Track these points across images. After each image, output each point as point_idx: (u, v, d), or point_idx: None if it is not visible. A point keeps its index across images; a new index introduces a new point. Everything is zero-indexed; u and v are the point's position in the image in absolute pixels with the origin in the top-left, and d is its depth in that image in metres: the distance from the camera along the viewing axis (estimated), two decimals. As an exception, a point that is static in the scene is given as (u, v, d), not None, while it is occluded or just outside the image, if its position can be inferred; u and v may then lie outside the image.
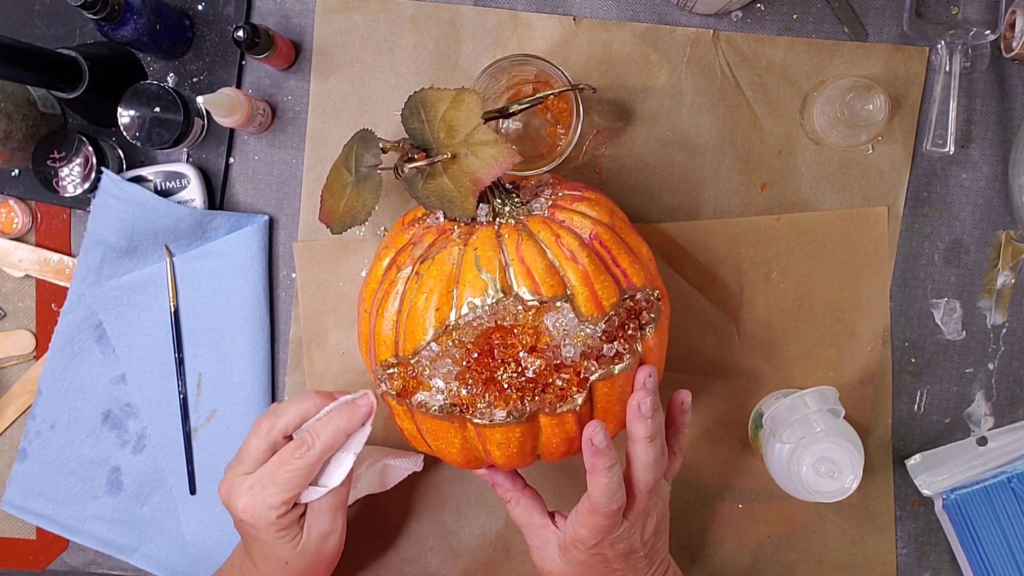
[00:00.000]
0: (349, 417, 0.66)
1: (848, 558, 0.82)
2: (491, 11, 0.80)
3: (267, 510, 0.64)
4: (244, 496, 0.65)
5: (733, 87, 0.80)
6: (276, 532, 0.65)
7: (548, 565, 0.68)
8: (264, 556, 0.67)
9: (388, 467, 0.77)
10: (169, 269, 0.80)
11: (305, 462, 0.64)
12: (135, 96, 0.75)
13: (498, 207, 0.65)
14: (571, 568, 0.66)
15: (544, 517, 0.68)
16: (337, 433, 0.66)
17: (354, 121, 0.80)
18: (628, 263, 0.63)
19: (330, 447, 0.66)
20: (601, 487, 0.60)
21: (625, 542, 0.64)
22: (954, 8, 0.79)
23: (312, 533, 0.67)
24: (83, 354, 0.82)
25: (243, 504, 0.65)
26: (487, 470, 0.69)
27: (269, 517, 0.64)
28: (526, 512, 0.68)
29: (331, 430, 0.66)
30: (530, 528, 0.69)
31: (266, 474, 0.65)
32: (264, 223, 0.81)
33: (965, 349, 0.81)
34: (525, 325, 0.60)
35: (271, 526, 0.65)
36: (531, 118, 0.77)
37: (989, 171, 0.80)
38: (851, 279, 0.81)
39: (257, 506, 0.64)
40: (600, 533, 0.63)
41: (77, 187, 0.77)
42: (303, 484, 0.65)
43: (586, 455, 0.60)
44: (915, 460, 0.80)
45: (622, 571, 0.66)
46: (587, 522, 0.62)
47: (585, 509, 0.62)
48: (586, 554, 0.64)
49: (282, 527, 0.65)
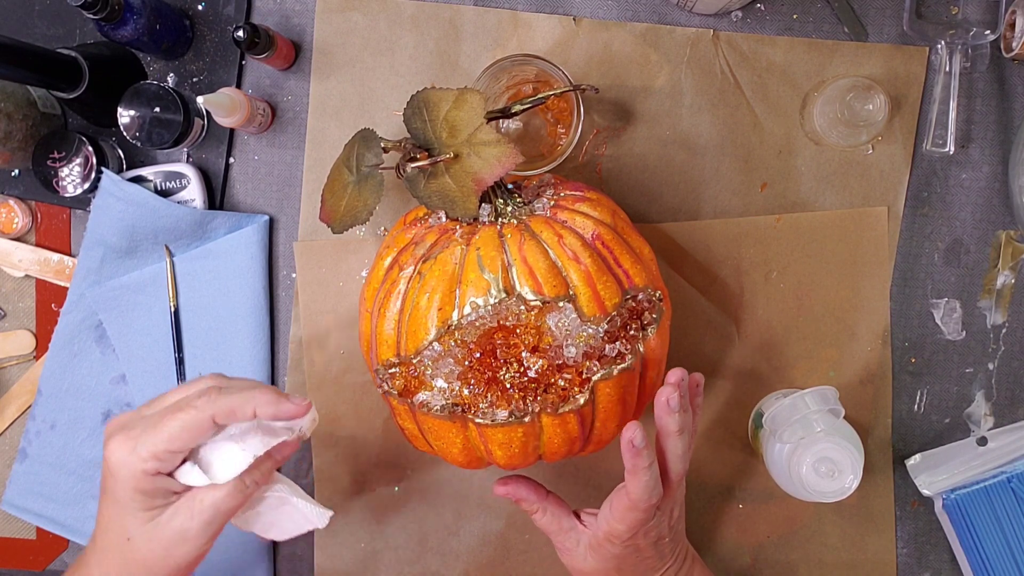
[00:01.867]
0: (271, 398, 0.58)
1: (848, 558, 0.82)
2: (491, 11, 0.80)
3: (135, 458, 0.56)
4: (119, 435, 0.57)
5: (733, 87, 0.80)
6: (134, 491, 0.56)
7: (579, 564, 0.69)
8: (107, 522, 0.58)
9: (291, 508, 0.65)
10: (169, 269, 0.80)
11: (198, 413, 0.56)
12: (135, 96, 0.75)
13: (500, 207, 0.65)
14: (604, 563, 0.67)
15: (572, 519, 0.69)
16: (247, 400, 0.57)
17: (354, 121, 0.80)
18: (630, 263, 0.63)
19: (230, 413, 0.57)
20: (642, 485, 0.61)
21: (656, 531, 0.66)
22: (954, 8, 0.79)
23: (174, 521, 0.58)
24: (83, 354, 0.82)
25: (114, 445, 0.56)
26: (510, 487, 0.69)
27: (134, 468, 0.56)
28: (554, 519, 0.69)
29: (242, 397, 0.58)
30: (559, 533, 0.69)
31: (150, 420, 0.57)
32: (264, 223, 0.81)
33: (965, 349, 0.82)
34: (527, 325, 0.60)
35: (131, 479, 0.56)
36: (532, 118, 0.77)
37: (989, 171, 0.80)
38: (851, 279, 0.81)
39: (126, 451, 0.56)
40: (636, 527, 0.64)
41: (77, 187, 0.77)
42: (184, 440, 0.56)
43: (627, 455, 0.61)
44: (915, 460, 0.80)
45: (652, 558, 0.68)
46: (624, 518, 0.63)
47: (623, 505, 0.63)
48: (621, 547, 0.65)
49: (143, 488, 0.56)
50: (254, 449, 0.60)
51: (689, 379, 0.67)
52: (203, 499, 0.58)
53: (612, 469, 0.82)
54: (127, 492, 0.56)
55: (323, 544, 0.83)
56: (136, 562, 0.58)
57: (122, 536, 0.58)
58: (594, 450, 0.67)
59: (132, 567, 0.58)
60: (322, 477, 0.82)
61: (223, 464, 0.59)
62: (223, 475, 0.59)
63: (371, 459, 0.82)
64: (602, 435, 0.65)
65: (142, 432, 0.56)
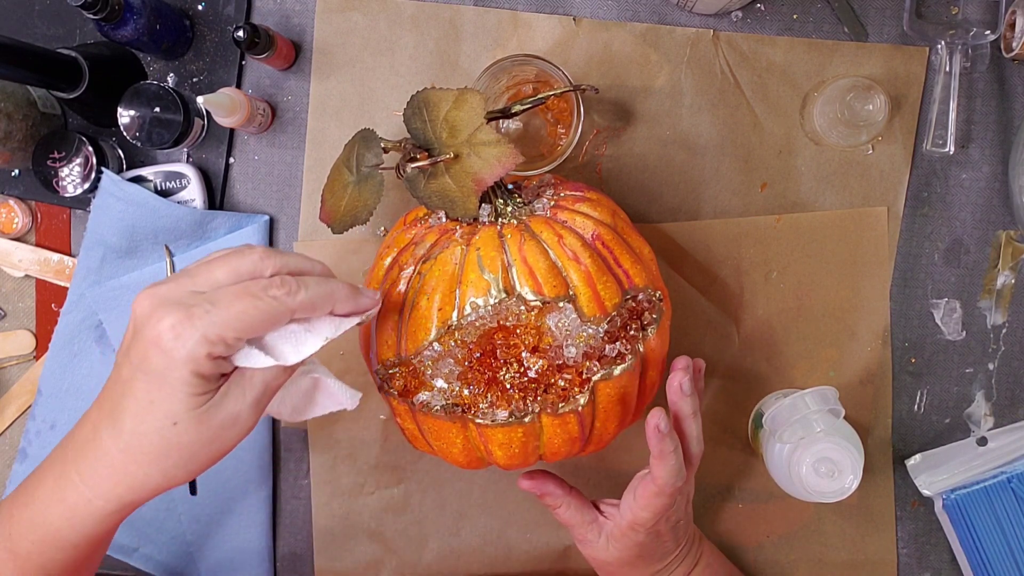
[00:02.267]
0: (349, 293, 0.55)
1: (848, 558, 0.82)
2: (491, 11, 0.80)
3: (198, 341, 0.49)
4: (178, 313, 0.49)
5: (733, 87, 0.80)
6: (190, 376, 0.50)
7: (600, 555, 0.70)
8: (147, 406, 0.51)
9: (322, 385, 0.61)
10: (169, 269, 0.80)
11: (278, 305, 0.51)
12: (135, 96, 0.75)
13: (500, 207, 0.65)
14: (626, 552, 0.69)
15: (593, 511, 0.71)
16: (328, 297, 0.54)
17: (354, 121, 0.80)
18: (630, 263, 0.63)
19: (312, 307, 0.53)
20: (669, 469, 0.62)
21: (675, 515, 0.67)
22: (954, 8, 0.79)
23: (225, 403, 0.52)
24: (83, 354, 0.82)
25: (172, 322, 0.49)
26: (535, 481, 0.71)
27: (196, 352, 0.49)
28: (576, 512, 0.70)
29: (325, 289, 0.54)
30: (581, 526, 0.70)
31: (222, 297, 0.51)
32: (264, 223, 0.81)
33: (965, 349, 0.82)
34: (527, 325, 0.60)
35: (189, 364, 0.50)
36: (531, 118, 0.77)
37: (989, 171, 0.80)
38: (851, 279, 0.81)
39: (189, 331, 0.49)
40: (661, 512, 0.65)
41: (77, 187, 0.77)
42: (258, 330, 0.52)
43: (653, 441, 0.62)
44: (915, 460, 0.80)
45: (670, 542, 0.69)
46: (650, 504, 0.65)
47: (649, 492, 0.64)
48: (644, 534, 0.67)
49: (203, 372, 0.50)
50: (324, 331, 0.55)
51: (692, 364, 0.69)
52: (253, 377, 0.53)
53: (612, 469, 0.82)
54: (183, 375, 0.50)
55: (323, 546, 0.83)
56: (180, 447, 0.52)
57: (167, 420, 0.51)
58: (594, 450, 0.67)
59: (174, 453, 0.52)
60: (320, 479, 0.82)
61: (291, 347, 0.54)
62: (291, 357, 0.54)
63: (371, 460, 0.82)
64: (602, 435, 0.65)
65: (207, 312, 0.50)
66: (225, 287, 0.52)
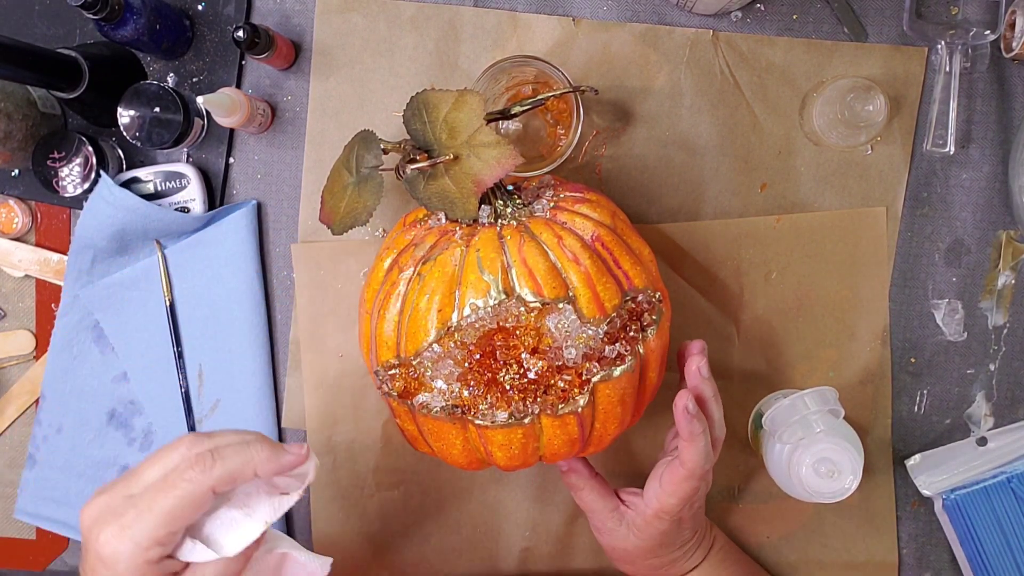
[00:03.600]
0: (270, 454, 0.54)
1: (848, 558, 0.82)
2: (491, 12, 0.80)
3: (135, 549, 0.50)
4: (111, 525, 0.50)
5: (733, 87, 0.80)
6: None
7: (619, 543, 0.70)
8: None
9: (290, 560, 0.60)
10: (161, 263, 0.80)
11: (195, 487, 0.51)
12: (135, 96, 0.75)
13: (500, 208, 0.65)
14: (648, 541, 0.69)
15: (614, 499, 0.71)
16: (247, 463, 0.53)
17: (354, 122, 0.80)
18: (630, 265, 0.63)
19: (231, 477, 0.52)
20: (699, 451, 0.63)
21: (698, 501, 0.68)
22: (954, 8, 0.79)
23: None
24: (83, 355, 0.82)
25: (107, 536, 0.50)
26: (569, 460, 0.70)
27: (135, 559, 0.50)
28: (598, 498, 0.71)
29: (242, 456, 0.53)
30: (601, 512, 0.71)
31: (146, 497, 0.51)
32: (252, 207, 0.80)
33: (966, 350, 0.82)
34: (527, 326, 0.60)
35: (134, 571, 0.50)
36: (531, 119, 0.77)
37: (989, 171, 0.80)
38: (851, 279, 0.81)
39: (124, 543, 0.50)
40: (688, 498, 0.65)
41: (77, 187, 0.77)
42: (185, 519, 0.51)
43: (683, 423, 0.62)
44: (915, 460, 0.80)
45: (691, 529, 0.70)
46: (678, 490, 0.65)
47: (678, 476, 0.64)
48: (668, 522, 0.67)
49: None
50: (263, 515, 0.55)
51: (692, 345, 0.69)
52: (204, 571, 0.53)
53: (612, 468, 0.82)
54: None
55: (323, 548, 0.83)
56: None
57: None
58: (594, 451, 0.67)
59: None
60: (320, 482, 0.82)
61: (229, 535, 0.54)
62: (232, 547, 0.54)
63: (371, 462, 0.82)
64: (602, 436, 0.65)
65: (136, 518, 0.50)
66: (151, 485, 0.52)
